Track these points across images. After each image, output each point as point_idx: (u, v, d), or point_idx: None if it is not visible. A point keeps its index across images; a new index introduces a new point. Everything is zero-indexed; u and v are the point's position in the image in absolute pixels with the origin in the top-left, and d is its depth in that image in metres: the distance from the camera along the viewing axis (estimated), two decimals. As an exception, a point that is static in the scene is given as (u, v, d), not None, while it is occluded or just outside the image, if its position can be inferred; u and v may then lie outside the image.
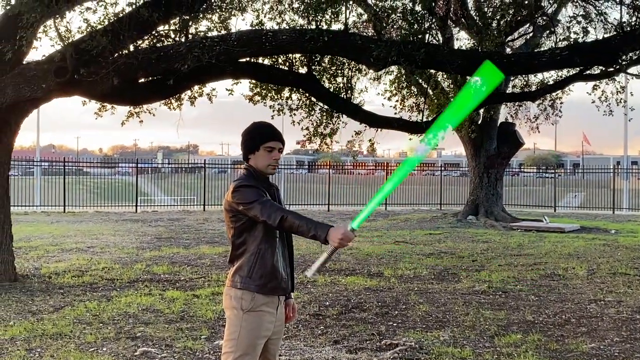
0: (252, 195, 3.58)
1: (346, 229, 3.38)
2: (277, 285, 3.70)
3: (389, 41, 8.94)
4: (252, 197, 3.57)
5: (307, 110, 13.11)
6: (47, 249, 13.70)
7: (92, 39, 7.92)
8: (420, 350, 6.38)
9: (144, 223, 20.95)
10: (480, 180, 22.04)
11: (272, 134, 3.76)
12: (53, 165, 34.14)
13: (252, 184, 3.65)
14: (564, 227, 19.12)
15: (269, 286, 3.67)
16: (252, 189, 3.61)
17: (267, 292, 3.66)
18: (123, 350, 6.32)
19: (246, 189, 3.62)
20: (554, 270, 11.33)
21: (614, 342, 6.73)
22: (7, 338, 6.71)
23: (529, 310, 8.16)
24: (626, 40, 9.35)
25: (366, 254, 13.26)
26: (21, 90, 8.65)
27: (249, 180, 3.68)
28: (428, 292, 9.32)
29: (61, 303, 8.44)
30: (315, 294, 9.10)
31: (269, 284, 3.67)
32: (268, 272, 3.66)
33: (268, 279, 3.67)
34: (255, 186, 3.63)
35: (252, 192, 3.59)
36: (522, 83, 16.96)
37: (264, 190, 3.64)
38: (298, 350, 6.38)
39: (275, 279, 3.69)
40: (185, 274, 10.79)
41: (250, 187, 3.62)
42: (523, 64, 10.59)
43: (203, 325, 7.31)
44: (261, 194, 3.58)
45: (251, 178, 3.72)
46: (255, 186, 3.63)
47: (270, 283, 3.68)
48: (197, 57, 8.28)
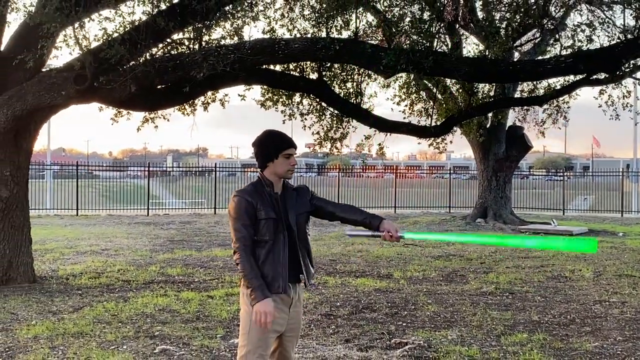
0: (238, 212, 3.92)
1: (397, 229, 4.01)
2: (282, 285, 3.95)
3: (398, 49, 9.18)
4: (236, 214, 3.93)
5: (317, 115, 13.37)
6: (62, 252, 13.98)
7: (111, 48, 8.19)
8: (429, 349, 6.61)
9: (156, 226, 21.25)
10: (489, 184, 22.23)
11: (289, 142, 4.03)
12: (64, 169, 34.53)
13: (248, 198, 3.94)
14: (572, 230, 19.28)
15: (274, 286, 3.92)
16: (242, 204, 3.92)
17: (272, 291, 3.91)
18: (143, 348, 6.57)
19: (238, 203, 3.94)
20: (561, 272, 11.53)
21: (617, 341, 6.94)
22: (30, 336, 6.97)
23: (534, 311, 8.37)
24: (629, 47, 9.56)
25: (376, 257, 13.48)
26: (41, 98, 8.94)
27: (250, 194, 3.97)
28: (437, 293, 9.54)
29: (80, 303, 8.70)
30: (326, 294, 9.33)
31: (275, 283, 3.93)
32: (274, 272, 3.93)
33: (274, 279, 3.93)
34: (249, 201, 3.93)
35: (240, 208, 3.92)
36: (529, 88, 17.15)
37: (259, 202, 3.94)
38: (310, 349, 6.61)
39: (281, 279, 3.95)
40: (199, 275, 11.04)
41: (243, 201, 3.93)
42: (529, 71, 10.81)
43: (218, 325, 7.56)
44: (245, 214, 3.91)
45: (255, 190, 4.00)
46: (249, 201, 3.93)
47: (276, 282, 3.93)
48: (212, 65, 8.54)
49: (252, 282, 3.84)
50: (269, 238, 3.92)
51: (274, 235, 3.93)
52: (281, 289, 3.93)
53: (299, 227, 4.08)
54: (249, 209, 3.90)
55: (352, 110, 12.32)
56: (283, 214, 3.99)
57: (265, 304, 3.81)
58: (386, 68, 9.22)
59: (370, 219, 4.11)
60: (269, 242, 3.92)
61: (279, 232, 3.94)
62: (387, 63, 9.09)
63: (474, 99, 14.63)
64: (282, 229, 3.95)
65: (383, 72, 9.65)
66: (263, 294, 3.82)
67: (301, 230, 4.11)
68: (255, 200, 3.92)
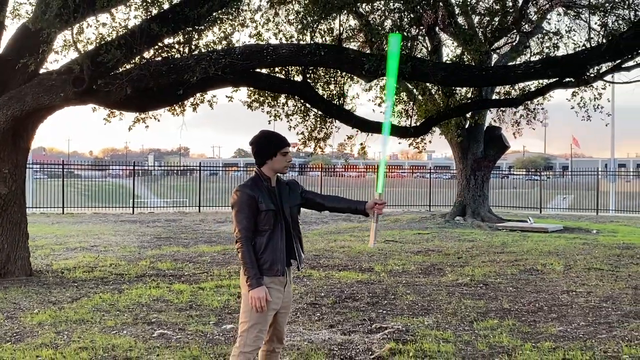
0: (240, 204, 4.43)
1: (374, 198, 4.58)
2: (280, 268, 4.49)
3: (379, 55, 9.72)
4: (238, 206, 4.44)
5: (302, 115, 13.89)
6: (52, 248, 14.40)
7: (108, 52, 8.66)
8: (407, 333, 7.16)
9: (142, 224, 21.65)
10: (468, 183, 22.85)
11: (285, 141, 4.59)
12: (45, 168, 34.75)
13: (249, 192, 4.45)
14: (547, 227, 19.93)
15: (273, 269, 4.47)
16: (245, 197, 4.43)
17: (271, 274, 4.47)
18: (142, 332, 7.08)
19: (241, 197, 4.45)
20: (533, 265, 12.13)
21: (580, 326, 7.53)
22: (35, 323, 7.45)
23: (506, 300, 8.96)
24: (593, 54, 10.17)
25: (357, 252, 14.02)
26: (40, 99, 9.40)
27: (251, 188, 4.49)
28: (415, 285, 10.11)
29: (77, 294, 9.18)
30: (311, 286, 9.86)
31: (272, 267, 4.47)
32: (271, 258, 4.47)
33: (271, 264, 4.47)
34: (250, 195, 4.43)
35: (242, 202, 4.43)
36: (506, 90, 17.75)
37: (260, 195, 4.45)
38: (298, 333, 7.14)
39: (279, 263, 4.49)
40: (188, 269, 11.52)
41: (245, 195, 4.44)
42: (500, 76, 11.40)
43: (210, 313, 8.07)
44: (247, 207, 4.42)
45: (255, 184, 4.53)
46: (250, 195, 4.43)
47: (275, 266, 4.48)
48: (205, 69, 9.06)
49: (249, 271, 4.39)
50: (269, 227, 4.46)
51: (273, 225, 4.47)
52: (279, 272, 4.48)
53: (292, 217, 4.64)
54: (250, 202, 4.42)
55: (336, 111, 12.85)
56: (280, 206, 4.54)
57: (259, 291, 4.36)
58: (368, 73, 9.79)
59: (356, 204, 4.74)
60: (268, 231, 4.46)
61: (277, 222, 4.49)
62: (369, 68, 9.65)
63: (452, 100, 15.21)
64: (280, 219, 4.50)
65: (365, 76, 10.21)
66: (258, 282, 4.38)
67: (294, 220, 4.67)
68: (256, 193, 4.45)
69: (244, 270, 4.42)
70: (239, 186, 4.55)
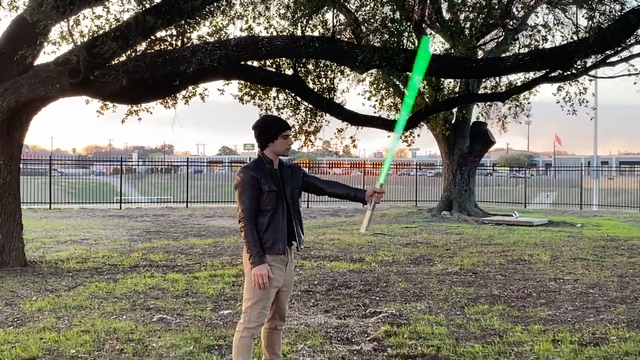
0: (243, 185, 4.59)
1: (375, 188, 4.72)
2: (281, 247, 4.65)
3: (372, 47, 9.90)
4: (242, 187, 4.59)
5: (292, 109, 14.06)
6: (43, 241, 14.45)
7: (104, 43, 8.77)
8: (401, 317, 7.34)
9: (130, 218, 21.70)
10: (454, 177, 23.08)
11: (286, 125, 4.76)
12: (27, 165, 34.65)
13: (252, 174, 4.61)
14: (533, 221, 20.19)
15: (275, 248, 4.64)
16: (248, 178, 4.58)
17: (273, 252, 4.63)
18: (141, 317, 7.21)
19: (244, 178, 4.61)
20: (520, 256, 12.36)
21: (568, 310, 7.74)
22: (34, 309, 7.56)
23: (495, 287, 9.17)
24: (580, 47, 10.40)
25: (347, 244, 14.19)
26: (36, 90, 9.50)
27: (254, 170, 4.64)
28: (406, 273, 10.30)
29: (73, 283, 9.29)
30: (304, 275, 10.03)
31: (274, 245, 4.63)
32: (275, 237, 4.64)
33: (273, 242, 4.63)
34: (253, 176, 4.59)
35: (245, 182, 4.59)
36: (492, 84, 17.99)
37: (262, 177, 4.60)
38: (294, 318, 7.30)
39: (281, 242, 4.65)
40: (181, 260, 11.64)
41: (248, 176, 4.59)
42: (490, 67, 11.62)
43: (207, 300, 8.21)
44: (250, 188, 4.57)
45: (257, 166, 4.67)
46: (253, 176, 4.59)
47: (277, 245, 4.65)
48: (200, 61, 9.20)
49: (251, 249, 4.54)
50: (271, 208, 4.61)
51: (275, 205, 4.63)
52: (281, 251, 4.64)
53: (293, 199, 4.80)
54: (253, 183, 4.58)
55: (326, 105, 13.01)
56: (281, 187, 4.69)
57: (262, 268, 4.52)
58: (361, 64, 9.97)
59: (355, 192, 4.90)
60: (270, 211, 4.61)
61: (279, 203, 4.64)
62: (362, 59, 9.83)
63: (440, 94, 15.43)
64: (281, 200, 4.66)
65: (358, 68, 10.39)
66: (260, 260, 4.53)
67: (295, 202, 4.83)
68: (259, 175, 4.60)
69: (247, 248, 4.57)
70: (242, 167, 4.71)
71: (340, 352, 5.96)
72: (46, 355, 5.76)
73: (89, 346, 6.02)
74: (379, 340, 6.36)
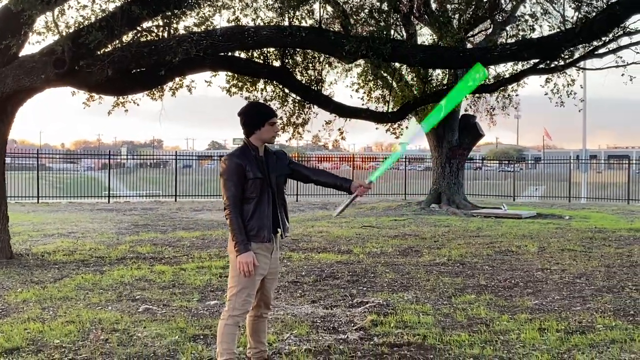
0: (228, 172, 4.55)
1: (364, 181, 4.80)
2: (266, 235, 4.62)
3: (359, 37, 9.87)
4: (226, 174, 4.56)
5: (280, 101, 14.01)
6: (30, 234, 14.37)
7: (89, 33, 8.71)
8: (387, 307, 7.33)
9: (119, 212, 21.61)
10: (443, 170, 23.08)
11: (273, 112, 4.73)
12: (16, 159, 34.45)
13: (237, 160, 4.57)
14: (521, 213, 20.23)
15: (260, 236, 4.61)
16: (233, 165, 4.55)
17: (258, 240, 4.60)
18: (127, 308, 7.17)
19: (229, 165, 4.57)
20: (508, 247, 12.37)
21: (555, 300, 7.75)
22: (19, 301, 7.51)
23: (482, 277, 9.17)
24: (567, 37, 10.40)
25: (336, 236, 14.17)
26: (21, 81, 9.41)
27: (239, 157, 4.60)
28: (394, 264, 10.29)
29: (59, 275, 9.23)
30: (291, 266, 10.01)
31: (261, 233, 4.61)
32: (260, 224, 4.61)
33: (258, 230, 4.61)
34: (238, 163, 4.55)
35: (230, 169, 4.55)
36: (481, 77, 17.94)
37: (247, 164, 4.56)
38: (281, 308, 7.28)
39: (266, 230, 4.62)
40: (168, 253, 11.59)
41: (233, 163, 4.56)
42: (477, 57, 11.55)
43: (194, 290, 8.18)
44: (235, 175, 4.53)
45: (243, 153, 4.63)
46: (238, 163, 4.55)
47: (262, 233, 4.62)
48: (186, 51, 9.14)
49: (236, 237, 4.51)
50: (256, 195, 4.58)
51: (260, 192, 4.59)
52: (266, 239, 4.61)
53: (278, 186, 4.77)
54: (238, 170, 4.54)
55: (314, 97, 12.98)
56: (267, 174, 4.66)
57: (247, 256, 4.49)
58: (348, 54, 9.93)
59: (342, 181, 4.88)
60: (255, 198, 4.58)
61: (264, 190, 4.61)
62: (349, 49, 9.79)
63: (429, 86, 15.40)
64: (267, 187, 4.62)
65: (345, 57, 10.34)
66: (245, 247, 4.50)
67: (280, 190, 4.80)
68: (244, 162, 4.56)
69: (232, 236, 4.54)
70: (227, 155, 4.68)
71: (327, 341, 5.94)
72: (30, 345, 5.72)
73: (73, 336, 5.98)
74: (365, 330, 6.35)
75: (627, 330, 6.24)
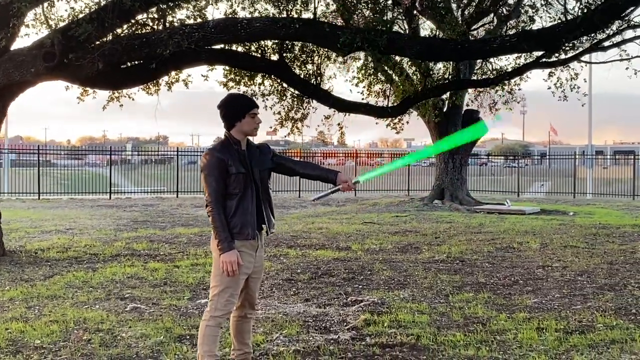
0: (209, 167, 4.36)
1: (351, 178, 4.59)
2: (250, 232, 4.42)
3: (354, 29, 9.66)
4: (207, 170, 4.37)
5: (279, 95, 13.80)
6: (27, 231, 14.22)
7: (79, 26, 8.52)
8: (382, 305, 7.13)
9: (119, 209, 21.46)
10: (446, 166, 22.86)
11: (253, 103, 4.51)
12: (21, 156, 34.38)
13: (218, 155, 4.37)
14: (525, 209, 20.02)
15: (244, 233, 4.41)
16: (214, 160, 4.36)
17: (242, 237, 4.41)
18: (115, 307, 6.99)
19: (210, 159, 4.38)
20: (510, 244, 12.16)
21: (555, 298, 7.54)
22: (6, 299, 7.34)
23: (482, 275, 8.97)
24: (569, 28, 10.16)
25: (335, 233, 13.98)
26: (11, 75, 9.24)
27: (221, 151, 4.40)
28: (392, 261, 10.09)
29: (50, 273, 9.06)
30: (287, 264, 9.82)
31: (244, 230, 4.41)
32: (243, 221, 4.41)
33: (242, 227, 4.40)
34: (219, 158, 4.36)
35: (211, 164, 4.36)
36: (482, 71, 17.74)
37: (229, 158, 4.36)
38: (273, 307, 7.09)
39: (250, 227, 4.42)
40: (164, 250, 11.42)
41: (214, 157, 4.36)
42: (477, 49, 11.39)
43: (185, 289, 7.99)
44: (216, 170, 4.34)
45: (224, 148, 4.43)
46: (219, 158, 4.36)
47: (246, 230, 4.42)
48: (178, 43, 8.94)
49: (220, 235, 4.31)
50: (239, 191, 4.38)
51: (244, 188, 4.39)
52: (250, 236, 4.41)
53: (262, 181, 4.56)
54: (220, 165, 4.34)
55: (313, 91, 12.77)
56: (250, 169, 4.46)
57: (231, 255, 4.29)
58: (343, 46, 9.70)
59: (327, 172, 4.66)
60: (238, 194, 4.38)
61: (247, 185, 4.41)
62: (344, 41, 9.57)
63: (429, 80, 15.17)
64: (250, 182, 4.42)
65: (340, 50, 10.11)
66: (229, 246, 4.31)
67: (264, 184, 4.59)
68: (226, 156, 4.37)
69: (215, 234, 4.35)
70: (207, 149, 4.49)
71: (317, 341, 5.75)
72: (9, 346, 5.54)
73: (55, 336, 5.80)
74: (358, 329, 6.16)
75: (628, 330, 6.04)
